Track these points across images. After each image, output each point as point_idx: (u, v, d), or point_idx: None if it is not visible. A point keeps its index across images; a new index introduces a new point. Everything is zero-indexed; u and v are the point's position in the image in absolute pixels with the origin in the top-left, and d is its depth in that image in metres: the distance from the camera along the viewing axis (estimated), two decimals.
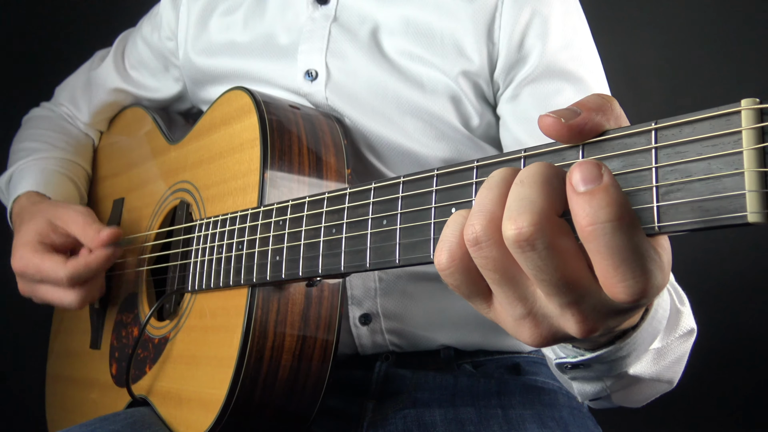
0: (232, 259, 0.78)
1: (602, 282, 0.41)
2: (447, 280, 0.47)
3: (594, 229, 0.39)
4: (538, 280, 0.43)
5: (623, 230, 0.39)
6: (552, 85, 0.87)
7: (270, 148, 0.81)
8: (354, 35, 0.94)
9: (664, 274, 0.41)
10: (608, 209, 0.39)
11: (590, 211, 0.39)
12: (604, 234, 0.39)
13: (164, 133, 1.07)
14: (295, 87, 0.95)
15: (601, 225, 0.39)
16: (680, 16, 1.81)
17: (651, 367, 0.64)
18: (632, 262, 0.39)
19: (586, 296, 0.43)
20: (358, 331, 0.94)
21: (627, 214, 0.39)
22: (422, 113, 0.91)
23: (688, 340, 0.67)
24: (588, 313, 0.43)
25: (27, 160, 1.15)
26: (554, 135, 0.44)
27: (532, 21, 0.87)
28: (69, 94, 1.27)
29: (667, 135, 0.41)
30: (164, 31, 1.12)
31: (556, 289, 0.42)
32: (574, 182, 0.40)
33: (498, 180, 0.45)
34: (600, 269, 0.41)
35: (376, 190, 0.60)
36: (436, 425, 0.89)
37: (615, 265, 0.40)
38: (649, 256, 0.40)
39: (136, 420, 0.85)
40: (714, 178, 0.38)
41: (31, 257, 0.93)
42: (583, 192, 0.40)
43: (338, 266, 0.63)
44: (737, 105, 0.38)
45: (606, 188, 0.39)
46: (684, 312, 0.67)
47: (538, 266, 0.41)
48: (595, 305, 0.43)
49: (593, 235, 0.39)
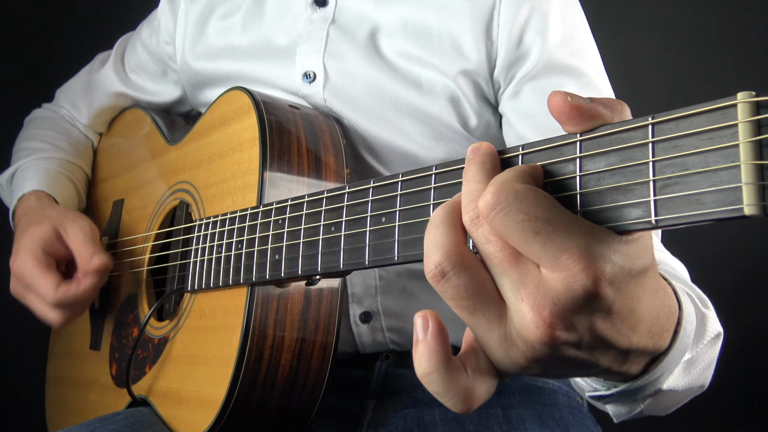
0: (232, 258, 0.78)
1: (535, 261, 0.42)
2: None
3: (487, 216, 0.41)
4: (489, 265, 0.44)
5: (509, 213, 0.41)
6: (553, 80, 0.87)
7: (269, 147, 0.81)
8: (352, 37, 0.94)
9: (598, 246, 0.41)
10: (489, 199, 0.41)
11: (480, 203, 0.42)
12: (493, 219, 0.41)
13: (163, 133, 1.08)
14: (294, 88, 0.95)
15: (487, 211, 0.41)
16: (680, 15, 1.81)
17: (683, 378, 0.61)
18: (544, 235, 0.40)
19: (528, 274, 0.42)
20: (358, 329, 0.94)
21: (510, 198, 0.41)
22: (420, 114, 0.91)
23: (716, 344, 0.64)
24: (534, 296, 0.41)
25: (29, 159, 1.15)
26: (557, 111, 0.44)
27: (531, 18, 0.87)
28: (69, 96, 1.28)
29: (664, 129, 0.41)
30: (162, 36, 1.12)
31: (500, 267, 0.43)
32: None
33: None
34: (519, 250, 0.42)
35: (375, 188, 0.60)
36: (436, 425, 0.89)
37: (524, 240, 0.41)
38: (557, 224, 0.40)
39: (137, 420, 0.85)
40: (711, 171, 0.38)
41: (31, 267, 0.93)
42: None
43: (337, 264, 0.63)
44: (733, 98, 0.38)
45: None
46: (709, 316, 0.64)
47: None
48: (538, 285, 0.42)
49: (488, 221, 0.42)
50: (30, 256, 0.93)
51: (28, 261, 0.93)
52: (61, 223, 0.97)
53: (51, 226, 0.96)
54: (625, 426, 0.84)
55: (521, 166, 0.45)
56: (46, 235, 0.95)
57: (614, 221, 0.43)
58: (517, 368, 0.45)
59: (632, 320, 0.44)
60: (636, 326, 0.45)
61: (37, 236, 0.95)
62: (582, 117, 0.44)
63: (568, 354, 0.43)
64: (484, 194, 0.42)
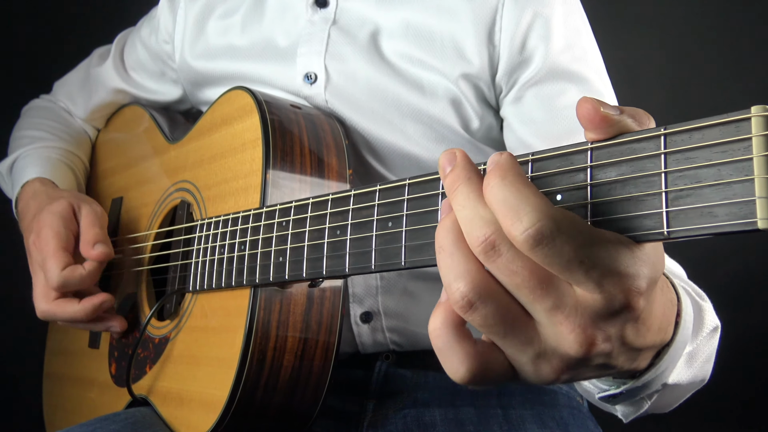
0: (235, 259, 0.78)
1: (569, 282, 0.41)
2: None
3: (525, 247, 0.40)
4: (514, 290, 0.42)
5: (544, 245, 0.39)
6: (556, 86, 0.87)
7: (272, 148, 0.80)
8: (353, 38, 0.94)
9: (632, 264, 0.41)
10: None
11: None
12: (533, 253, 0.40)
13: (163, 132, 1.07)
14: (295, 89, 0.95)
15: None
16: (680, 15, 1.81)
17: (686, 371, 0.63)
18: (571, 263, 0.39)
19: (563, 297, 0.41)
20: (359, 329, 0.94)
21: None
22: (422, 116, 0.91)
23: (714, 336, 0.66)
24: (574, 318, 0.41)
25: (30, 147, 1.15)
26: (586, 119, 0.43)
27: (534, 23, 0.87)
28: (67, 90, 1.27)
29: (677, 141, 0.41)
30: (161, 35, 1.12)
31: (532, 295, 0.41)
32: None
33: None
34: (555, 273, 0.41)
35: (381, 192, 0.60)
36: (436, 425, 0.89)
37: (561, 269, 0.40)
38: (598, 249, 0.40)
39: (137, 420, 0.85)
40: (724, 184, 0.38)
41: (49, 242, 0.93)
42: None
43: (343, 268, 0.63)
44: (747, 112, 0.38)
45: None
46: (706, 308, 0.65)
47: (513, 281, 0.41)
48: (576, 306, 0.41)
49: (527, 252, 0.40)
50: (52, 232, 0.93)
51: (50, 235, 0.93)
52: (77, 201, 0.99)
53: (68, 203, 0.97)
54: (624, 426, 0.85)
55: (530, 182, 0.42)
56: (64, 211, 0.96)
57: (625, 232, 0.43)
58: (543, 382, 0.45)
59: (650, 321, 0.45)
60: (652, 326, 0.46)
61: (56, 212, 0.95)
62: (610, 128, 0.43)
63: (596, 362, 0.44)
64: (519, 225, 0.39)
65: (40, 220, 0.95)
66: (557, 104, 0.87)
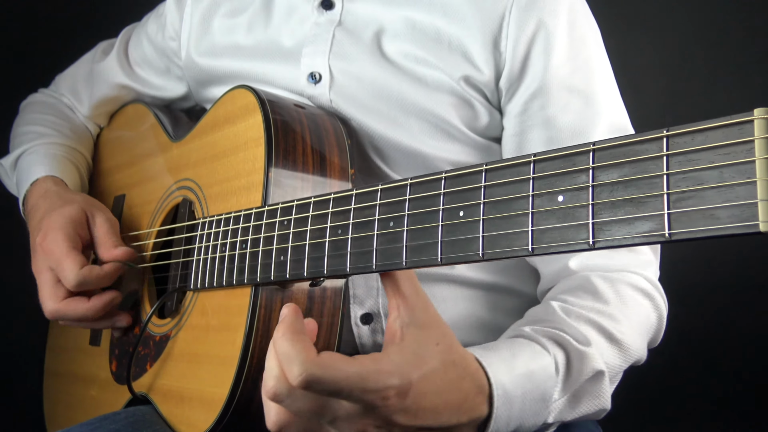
0: (236, 258, 0.78)
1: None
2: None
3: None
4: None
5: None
6: (557, 98, 0.87)
7: (274, 147, 0.80)
8: (358, 38, 0.94)
9: (378, 381, 0.56)
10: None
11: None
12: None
13: (166, 130, 1.07)
14: (299, 89, 0.95)
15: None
16: (682, 16, 1.81)
17: (571, 411, 0.71)
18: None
19: (336, 412, 0.58)
20: (359, 331, 0.94)
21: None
22: (427, 114, 0.91)
23: (599, 378, 0.72)
24: (348, 422, 0.58)
25: (34, 143, 1.14)
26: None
27: (537, 34, 0.87)
28: (70, 84, 1.27)
29: (679, 143, 0.41)
30: (168, 32, 1.12)
31: (316, 417, 0.59)
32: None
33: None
34: None
35: (383, 191, 0.60)
36: None
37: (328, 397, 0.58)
38: (349, 381, 0.56)
39: (138, 419, 0.85)
40: (726, 186, 0.38)
41: (61, 244, 0.92)
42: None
43: (344, 267, 0.63)
44: (750, 114, 0.38)
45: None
46: (589, 354, 0.71)
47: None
48: (348, 414, 0.58)
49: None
50: (62, 234, 0.93)
51: (60, 237, 0.93)
52: (90, 208, 0.98)
53: (81, 209, 0.97)
54: (624, 427, 0.85)
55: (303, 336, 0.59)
56: (76, 216, 0.96)
57: (626, 234, 0.43)
58: None
59: (426, 405, 0.58)
60: (437, 407, 0.59)
61: (67, 216, 0.95)
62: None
63: None
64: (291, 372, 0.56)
65: (50, 222, 0.95)
66: (558, 118, 0.87)
